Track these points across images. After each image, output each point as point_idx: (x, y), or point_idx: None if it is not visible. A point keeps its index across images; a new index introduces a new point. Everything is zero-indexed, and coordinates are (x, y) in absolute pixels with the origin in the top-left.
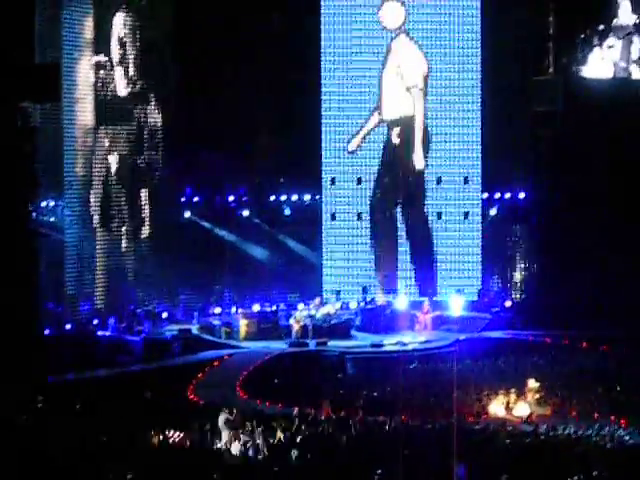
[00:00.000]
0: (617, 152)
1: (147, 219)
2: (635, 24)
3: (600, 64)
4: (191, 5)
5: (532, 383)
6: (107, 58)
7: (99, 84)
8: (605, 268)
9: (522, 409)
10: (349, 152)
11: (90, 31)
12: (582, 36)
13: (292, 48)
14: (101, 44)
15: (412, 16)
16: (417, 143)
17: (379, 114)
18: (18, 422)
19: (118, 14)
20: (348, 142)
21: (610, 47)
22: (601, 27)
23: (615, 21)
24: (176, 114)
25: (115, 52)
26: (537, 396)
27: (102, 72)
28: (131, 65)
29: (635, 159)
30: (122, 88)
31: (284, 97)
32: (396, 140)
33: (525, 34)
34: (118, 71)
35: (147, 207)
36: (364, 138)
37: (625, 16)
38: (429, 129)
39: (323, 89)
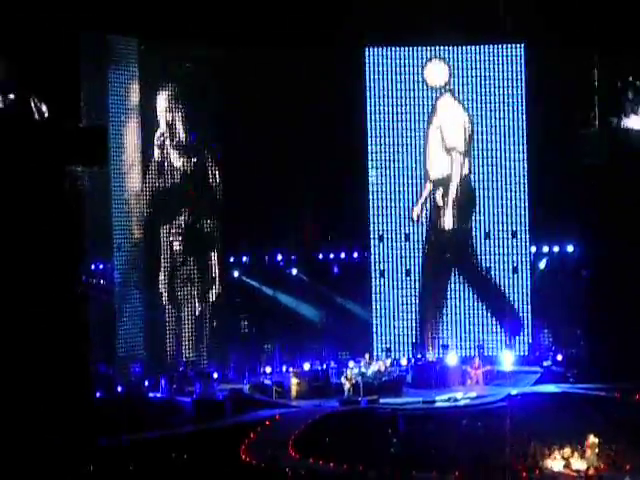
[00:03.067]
0: None
1: (217, 280)
2: None
3: None
4: (237, 74)
5: (592, 438)
6: (157, 126)
7: (150, 151)
8: None
9: (580, 464)
10: (414, 220)
11: (136, 95)
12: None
13: (338, 107)
14: (148, 109)
15: (456, 74)
16: (449, 204)
17: (427, 174)
18: None
19: (164, 85)
20: (396, 200)
21: None
22: None
23: None
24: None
25: (165, 123)
26: (596, 451)
27: (154, 139)
28: (182, 135)
29: None
30: (176, 159)
31: (331, 155)
32: (440, 200)
33: (570, 87)
34: (169, 142)
35: (216, 269)
36: (425, 203)
37: None
38: (473, 187)
39: (369, 147)
